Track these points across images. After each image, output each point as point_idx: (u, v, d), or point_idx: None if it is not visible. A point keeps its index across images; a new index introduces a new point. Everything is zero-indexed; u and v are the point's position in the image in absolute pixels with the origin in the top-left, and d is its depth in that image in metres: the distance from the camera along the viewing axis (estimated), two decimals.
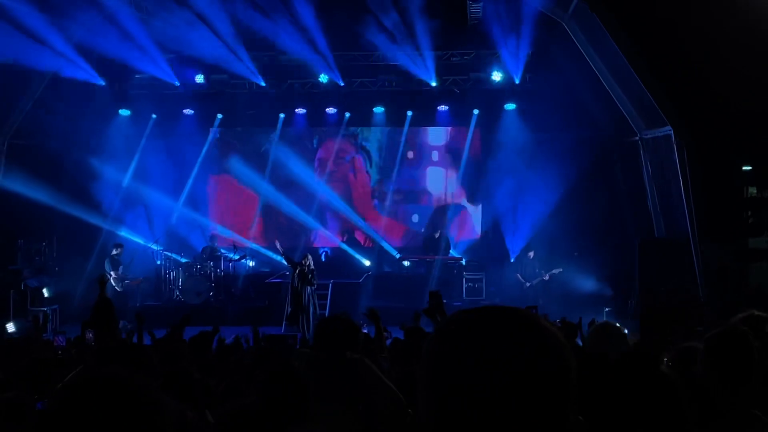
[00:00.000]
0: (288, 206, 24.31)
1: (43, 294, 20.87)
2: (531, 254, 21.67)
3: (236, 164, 24.50)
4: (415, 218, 24.84)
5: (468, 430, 1.76)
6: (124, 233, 23.12)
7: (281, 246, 19.68)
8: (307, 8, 20.77)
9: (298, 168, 24.55)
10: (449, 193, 24.74)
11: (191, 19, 20.47)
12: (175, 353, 7.20)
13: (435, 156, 24.82)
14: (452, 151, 24.60)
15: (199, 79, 22.91)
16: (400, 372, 6.47)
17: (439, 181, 24.81)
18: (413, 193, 25.00)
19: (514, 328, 1.80)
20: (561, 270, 20.94)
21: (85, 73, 21.48)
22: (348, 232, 24.59)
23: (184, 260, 22.53)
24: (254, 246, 23.80)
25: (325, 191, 24.74)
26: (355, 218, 24.58)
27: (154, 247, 22.93)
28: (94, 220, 22.48)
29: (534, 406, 1.74)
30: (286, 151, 24.60)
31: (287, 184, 24.51)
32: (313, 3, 20.83)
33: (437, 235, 22.69)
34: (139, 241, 23.36)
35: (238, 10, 20.36)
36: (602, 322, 6.26)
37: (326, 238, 24.65)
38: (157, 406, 1.96)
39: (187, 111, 23.95)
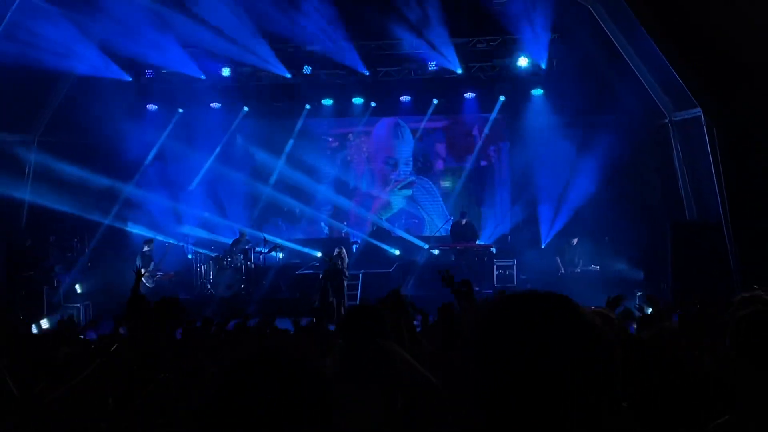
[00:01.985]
0: (313, 198, 24.52)
1: (76, 290, 21.01)
2: (575, 241, 21.60)
3: (259, 156, 24.65)
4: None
5: (518, 414, 1.76)
6: (152, 229, 23.27)
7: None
8: None
9: (322, 159, 24.70)
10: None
11: (214, 12, 20.54)
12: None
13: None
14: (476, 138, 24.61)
15: (225, 72, 22.97)
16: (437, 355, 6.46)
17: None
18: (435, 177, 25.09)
19: (559, 316, 1.80)
20: (597, 268, 20.99)
21: (111, 70, 21.63)
22: (374, 222, 24.61)
23: (214, 254, 22.59)
24: (281, 240, 23.83)
25: (351, 182, 24.93)
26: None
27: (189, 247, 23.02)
28: (124, 215, 22.70)
29: (581, 391, 1.75)
30: (310, 142, 24.77)
31: (310, 174, 24.70)
32: None
33: (463, 221, 22.61)
34: (168, 239, 23.47)
35: (260, 3, 20.41)
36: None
37: (354, 228, 24.77)
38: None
39: (214, 104, 24.01)
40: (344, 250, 20.17)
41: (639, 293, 19.07)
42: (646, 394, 3.10)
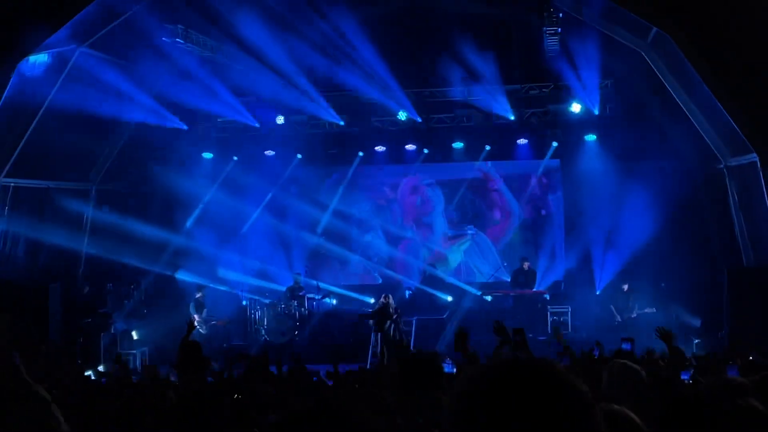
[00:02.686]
0: (366, 245, 24.64)
1: (132, 337, 21.21)
2: (626, 286, 21.34)
3: (313, 203, 24.86)
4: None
5: None
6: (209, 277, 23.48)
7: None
8: (383, 47, 21.05)
9: (373, 206, 24.84)
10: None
11: (267, 61, 20.85)
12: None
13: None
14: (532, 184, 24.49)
15: (280, 120, 23.23)
16: None
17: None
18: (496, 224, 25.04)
19: (536, 383, 1.81)
20: (654, 311, 20.57)
21: (167, 118, 22.01)
22: (427, 269, 24.53)
23: (268, 300, 22.69)
24: (334, 288, 23.84)
25: (403, 231, 25.01)
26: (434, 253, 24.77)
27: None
28: (178, 262, 22.97)
29: None
30: (362, 189, 24.95)
31: (361, 223, 24.86)
32: (390, 41, 21.11)
33: (525, 267, 22.52)
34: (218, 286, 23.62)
35: (312, 53, 20.72)
36: (620, 362, 6.02)
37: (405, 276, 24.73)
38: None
39: (269, 152, 24.27)
40: (390, 296, 20.14)
41: (696, 341, 18.83)
42: None
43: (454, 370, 9.38)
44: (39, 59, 17.79)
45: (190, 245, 23.44)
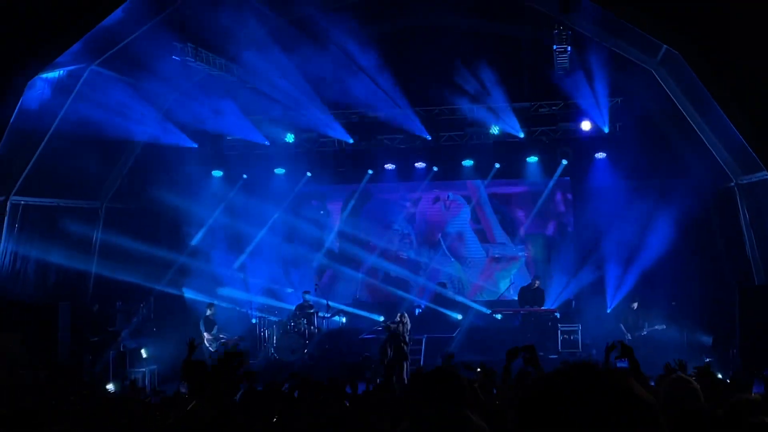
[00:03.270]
0: (378, 263, 24.66)
1: (141, 354, 21.19)
2: (635, 305, 21.25)
3: (320, 221, 24.94)
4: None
5: None
6: (219, 293, 23.50)
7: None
8: (393, 65, 21.12)
9: (382, 224, 24.88)
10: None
11: (276, 80, 20.93)
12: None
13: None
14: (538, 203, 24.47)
15: (289, 138, 23.27)
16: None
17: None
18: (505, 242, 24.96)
19: (604, 396, 1.82)
20: (664, 327, 20.50)
21: (177, 137, 22.08)
22: (437, 288, 24.48)
23: (277, 318, 22.68)
24: (344, 306, 23.81)
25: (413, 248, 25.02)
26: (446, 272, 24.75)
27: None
28: (186, 280, 23.02)
29: None
30: (370, 208, 25.01)
31: (367, 242, 24.92)
32: (399, 60, 21.16)
33: (535, 285, 22.49)
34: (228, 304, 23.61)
35: (320, 70, 20.77)
36: (676, 376, 6.00)
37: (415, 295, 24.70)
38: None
39: (278, 170, 24.32)
40: (407, 315, 20.08)
41: (708, 359, 18.72)
42: None
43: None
44: (50, 77, 17.85)
45: (198, 263, 23.50)
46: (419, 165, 24.30)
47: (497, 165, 23.88)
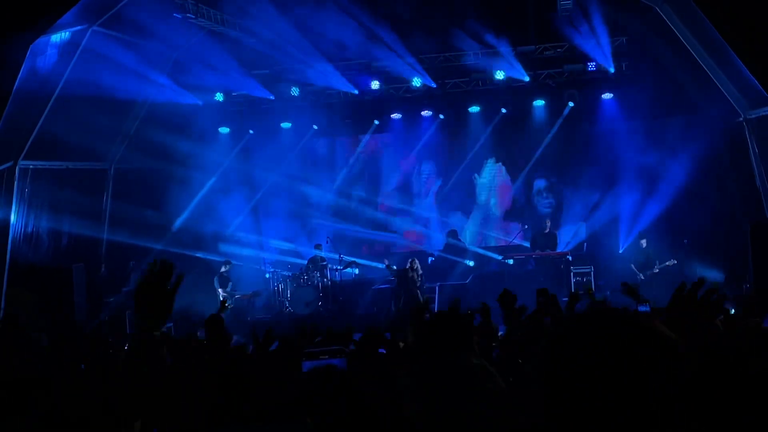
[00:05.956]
0: (387, 214, 24.69)
1: None
2: (644, 242, 21.22)
3: (329, 173, 24.95)
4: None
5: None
6: (232, 250, 23.58)
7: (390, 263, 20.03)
8: (395, 13, 20.96)
9: (393, 174, 24.87)
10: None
11: (278, 34, 20.83)
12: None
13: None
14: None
15: (294, 92, 23.19)
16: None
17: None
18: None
19: (625, 337, 1.85)
20: (674, 262, 20.48)
21: (182, 96, 22.06)
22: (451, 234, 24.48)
23: (290, 273, 22.75)
24: (356, 258, 23.84)
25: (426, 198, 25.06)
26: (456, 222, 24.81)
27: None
28: (201, 237, 23.10)
29: (642, 408, 1.78)
30: (379, 158, 24.98)
31: (381, 191, 25.01)
32: (401, 7, 20.98)
33: (546, 229, 22.50)
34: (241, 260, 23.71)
35: (321, 23, 20.64)
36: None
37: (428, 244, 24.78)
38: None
39: (284, 124, 24.29)
40: (417, 260, 20.26)
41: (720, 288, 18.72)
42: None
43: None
44: (52, 40, 17.81)
45: (209, 221, 23.56)
46: (425, 113, 24.20)
47: (504, 110, 23.78)
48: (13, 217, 18.75)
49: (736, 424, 2.68)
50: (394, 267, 21.17)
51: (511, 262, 22.85)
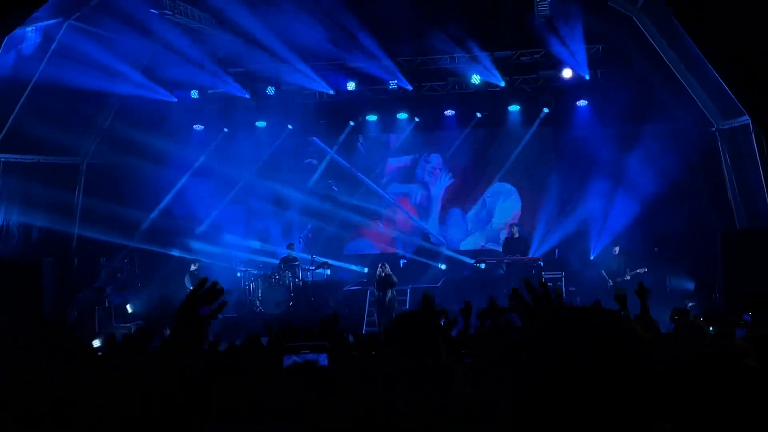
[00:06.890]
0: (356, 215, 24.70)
1: (126, 310, 21.23)
2: (616, 250, 21.34)
3: (303, 173, 24.91)
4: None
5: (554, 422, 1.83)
6: (201, 247, 23.50)
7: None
8: (372, 15, 20.94)
9: (367, 175, 24.88)
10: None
11: (255, 33, 20.79)
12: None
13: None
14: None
15: (270, 91, 23.13)
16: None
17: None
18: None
19: (596, 336, 1.87)
20: (645, 270, 20.58)
21: (157, 92, 21.97)
22: (423, 237, 24.55)
23: (262, 272, 22.69)
24: (328, 259, 23.81)
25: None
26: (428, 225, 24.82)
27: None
28: (173, 235, 23.00)
29: (614, 408, 1.80)
30: (352, 158, 25.02)
31: (352, 191, 25.00)
32: (379, 9, 20.96)
33: (516, 235, 22.55)
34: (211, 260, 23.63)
35: (298, 23, 20.61)
36: (691, 320, 6.10)
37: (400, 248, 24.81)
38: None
39: (259, 123, 24.23)
40: (387, 265, 20.40)
41: (690, 304, 18.85)
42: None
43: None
44: (27, 32, 17.68)
45: (181, 218, 23.48)
46: (401, 116, 24.22)
47: (479, 114, 23.86)
48: None
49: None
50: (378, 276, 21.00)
51: (482, 266, 22.92)
